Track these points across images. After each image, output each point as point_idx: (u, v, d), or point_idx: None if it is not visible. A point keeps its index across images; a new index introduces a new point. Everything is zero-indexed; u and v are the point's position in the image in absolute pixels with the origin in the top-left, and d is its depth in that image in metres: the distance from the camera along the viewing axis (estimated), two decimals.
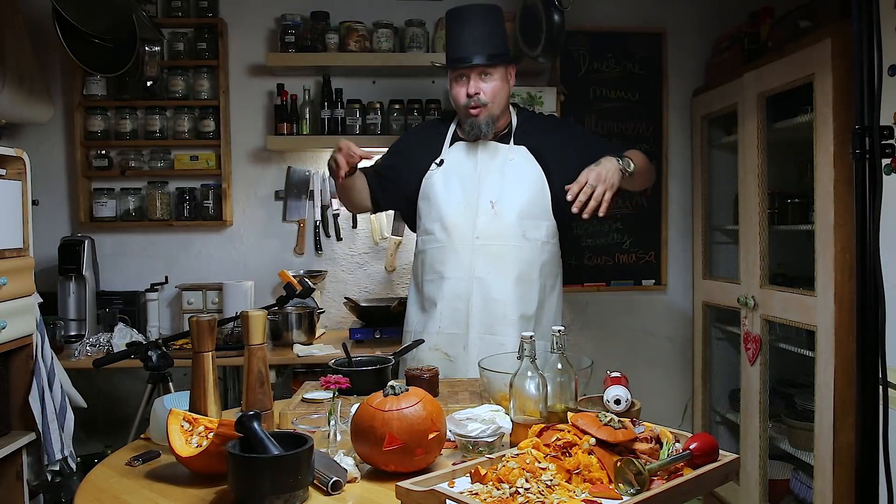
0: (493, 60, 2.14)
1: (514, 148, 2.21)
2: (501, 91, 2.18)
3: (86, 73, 3.18)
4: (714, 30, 3.47)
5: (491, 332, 2.14)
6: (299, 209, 3.38)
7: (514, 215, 2.16)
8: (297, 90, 3.27)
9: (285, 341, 2.92)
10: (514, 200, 2.17)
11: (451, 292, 2.16)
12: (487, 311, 2.14)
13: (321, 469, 1.29)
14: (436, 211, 2.21)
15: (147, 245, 3.38)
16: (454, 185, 2.20)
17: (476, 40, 2.14)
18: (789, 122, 2.72)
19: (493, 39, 2.16)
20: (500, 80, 2.17)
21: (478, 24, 2.15)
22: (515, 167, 2.19)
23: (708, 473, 1.24)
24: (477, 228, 2.15)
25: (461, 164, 2.22)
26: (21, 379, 2.16)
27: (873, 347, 1.23)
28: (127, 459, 1.47)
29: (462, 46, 2.15)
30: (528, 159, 2.20)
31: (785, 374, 3.04)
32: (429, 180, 2.24)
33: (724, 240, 3.42)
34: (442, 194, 2.20)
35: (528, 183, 2.18)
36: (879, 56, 1.21)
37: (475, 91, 2.14)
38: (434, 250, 2.21)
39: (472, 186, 2.18)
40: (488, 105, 2.16)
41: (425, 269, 2.24)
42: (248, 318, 1.49)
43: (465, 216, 2.17)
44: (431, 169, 2.24)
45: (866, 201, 1.22)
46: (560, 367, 1.54)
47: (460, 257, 2.15)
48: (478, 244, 2.14)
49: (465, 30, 2.15)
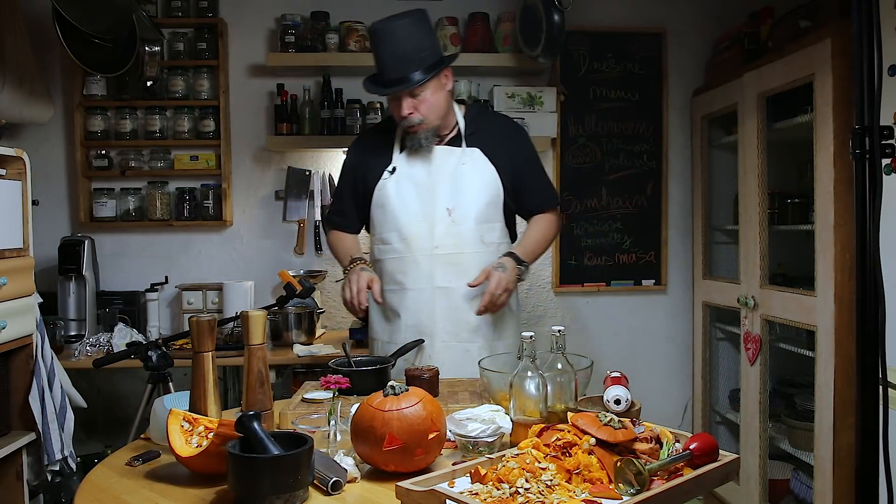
0: (422, 78, 2.01)
1: (468, 151, 2.14)
2: (437, 101, 2.07)
3: (86, 73, 3.18)
4: (714, 30, 3.47)
5: (456, 340, 2.13)
6: (299, 209, 3.38)
7: (472, 221, 2.12)
8: (297, 90, 3.27)
9: (285, 341, 2.92)
10: (470, 206, 2.12)
11: (413, 304, 2.12)
12: (451, 320, 2.12)
13: (321, 469, 1.29)
14: (392, 220, 2.15)
15: (147, 245, 3.38)
16: (409, 193, 2.13)
17: (400, 60, 2.00)
18: (789, 122, 2.72)
19: (420, 53, 2.01)
20: (433, 92, 2.05)
21: (401, 40, 2.00)
22: (469, 171, 2.12)
23: (708, 473, 1.24)
24: (435, 238, 2.11)
25: (414, 170, 2.15)
26: (21, 379, 2.16)
27: (873, 347, 1.23)
28: (127, 459, 1.47)
29: (388, 68, 2.02)
30: (482, 161, 2.14)
31: (785, 374, 3.04)
32: (382, 189, 2.17)
33: (724, 240, 3.42)
34: (397, 203, 2.14)
35: (483, 187, 2.13)
36: (879, 56, 1.21)
37: (409, 111, 2.04)
38: (393, 261, 2.16)
39: (427, 194, 2.12)
40: (424, 122, 2.07)
41: (385, 279, 2.17)
42: (248, 318, 1.49)
43: (423, 225, 2.12)
44: (384, 177, 2.17)
45: (866, 201, 1.22)
46: (560, 367, 1.54)
47: (421, 268, 2.11)
48: (437, 253, 2.10)
49: (389, 49, 2.01)
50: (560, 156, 3.47)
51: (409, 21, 2.03)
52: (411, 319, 2.11)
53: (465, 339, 2.13)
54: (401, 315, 2.16)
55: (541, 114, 3.34)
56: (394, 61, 2.01)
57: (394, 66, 2.01)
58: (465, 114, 2.21)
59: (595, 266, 3.53)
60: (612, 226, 3.53)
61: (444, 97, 2.10)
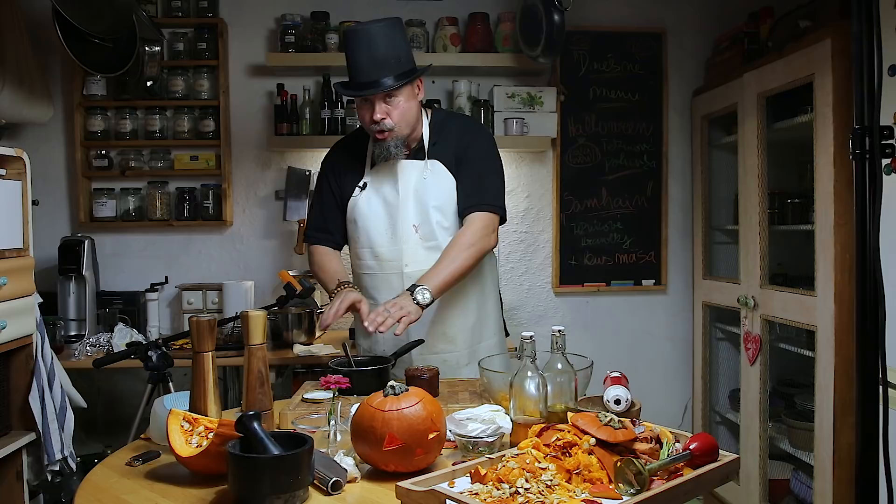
0: (398, 83, 1.98)
1: (429, 164, 2.11)
2: (409, 110, 2.04)
3: (86, 73, 3.18)
4: (714, 30, 3.47)
5: (432, 352, 2.12)
6: (299, 209, 3.37)
7: (438, 238, 2.09)
8: (297, 90, 3.27)
9: (285, 341, 2.92)
10: (436, 222, 2.10)
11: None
12: (425, 333, 2.10)
13: (321, 469, 1.29)
14: (364, 237, 2.14)
15: (147, 245, 3.38)
16: (378, 210, 2.12)
17: (376, 63, 1.97)
18: (789, 122, 2.72)
19: (397, 59, 2.00)
20: (406, 100, 2.03)
21: (378, 44, 1.97)
22: (431, 185, 2.10)
23: (708, 473, 1.24)
24: (405, 256, 2.10)
25: (382, 186, 2.12)
26: (21, 379, 2.16)
27: (873, 347, 1.23)
28: (127, 459, 1.47)
29: (362, 71, 1.98)
30: (443, 173, 2.11)
31: (785, 374, 3.04)
32: (354, 205, 2.15)
33: (724, 240, 3.42)
34: (368, 221, 2.13)
35: (447, 199, 2.10)
36: (879, 56, 1.21)
37: (381, 117, 2.00)
38: (367, 276, 2.16)
39: (395, 211, 2.10)
40: (395, 129, 2.03)
41: (362, 291, 2.15)
42: (248, 318, 1.49)
43: (392, 244, 2.11)
44: (355, 193, 2.15)
45: (866, 201, 1.22)
46: (560, 367, 1.54)
47: (393, 285, 2.10)
48: (407, 272, 2.09)
49: (365, 51, 1.98)
50: (560, 156, 3.47)
51: (386, 26, 2.01)
52: (389, 334, 2.01)
53: (442, 349, 2.13)
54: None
55: (541, 114, 3.34)
56: (370, 64, 1.98)
57: (369, 69, 1.98)
58: (430, 121, 2.16)
59: (595, 266, 3.53)
60: (612, 226, 3.53)
61: (415, 106, 2.07)
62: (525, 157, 3.49)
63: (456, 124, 2.19)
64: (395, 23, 2.05)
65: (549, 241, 3.51)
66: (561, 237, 3.49)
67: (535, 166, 3.49)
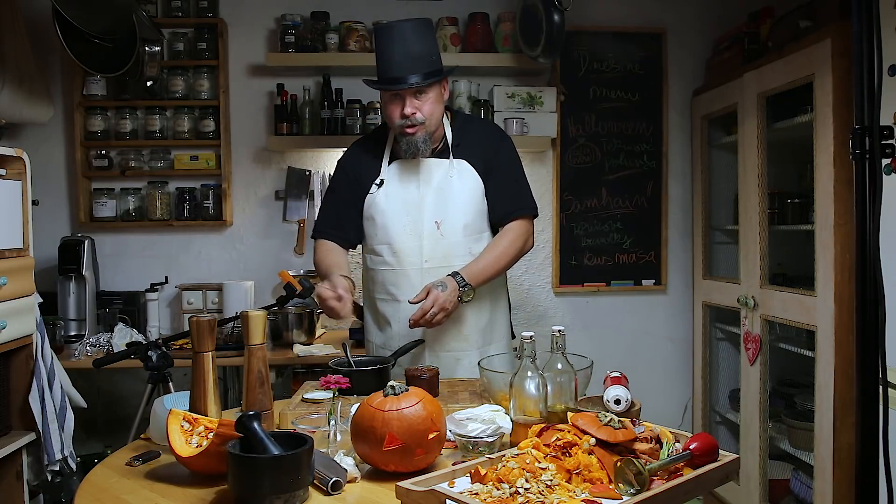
0: (428, 79, 2.04)
1: (455, 163, 2.14)
2: (437, 108, 2.09)
3: (86, 73, 3.18)
4: (714, 30, 3.47)
5: (446, 350, 2.14)
6: (299, 209, 3.38)
7: (459, 234, 2.12)
8: (297, 90, 3.27)
9: (285, 341, 2.92)
10: (458, 219, 2.12)
11: (405, 315, 2.10)
12: (441, 331, 2.12)
13: (321, 469, 1.29)
14: (382, 234, 2.16)
15: (147, 245, 3.38)
16: (397, 207, 2.14)
17: (410, 58, 2.02)
18: (789, 122, 2.72)
19: (428, 57, 2.05)
20: (435, 97, 2.08)
21: (411, 41, 2.03)
22: (457, 184, 2.13)
23: (708, 473, 1.24)
24: (424, 252, 2.12)
25: (402, 183, 2.15)
26: (21, 379, 2.16)
27: (873, 347, 1.23)
28: (127, 459, 1.47)
29: (395, 66, 2.03)
30: (469, 173, 2.15)
31: (785, 374, 3.04)
32: (371, 201, 2.17)
33: (724, 240, 3.42)
34: (386, 217, 2.14)
35: (470, 198, 2.14)
36: (879, 56, 1.21)
37: (412, 111, 2.04)
38: (384, 272, 2.17)
39: (416, 207, 2.13)
40: (425, 123, 2.07)
41: (377, 288, 2.20)
42: (248, 318, 1.49)
43: (412, 239, 2.12)
44: (372, 191, 2.17)
45: (866, 201, 1.22)
46: (560, 367, 1.54)
47: (412, 281, 2.12)
48: (426, 267, 2.11)
49: (398, 47, 2.03)
50: (560, 156, 3.47)
51: (420, 25, 2.08)
52: (404, 330, 2.11)
53: (455, 348, 2.15)
54: (392, 325, 2.18)
55: (541, 114, 3.34)
56: (403, 59, 2.02)
57: (402, 65, 2.03)
58: (451, 123, 2.21)
59: (595, 266, 3.53)
60: (612, 226, 3.53)
61: (442, 106, 2.14)
62: (525, 157, 3.44)
63: (479, 128, 2.28)
64: (427, 23, 2.13)
65: (550, 241, 3.51)
66: (561, 237, 3.49)
67: (535, 166, 3.48)
